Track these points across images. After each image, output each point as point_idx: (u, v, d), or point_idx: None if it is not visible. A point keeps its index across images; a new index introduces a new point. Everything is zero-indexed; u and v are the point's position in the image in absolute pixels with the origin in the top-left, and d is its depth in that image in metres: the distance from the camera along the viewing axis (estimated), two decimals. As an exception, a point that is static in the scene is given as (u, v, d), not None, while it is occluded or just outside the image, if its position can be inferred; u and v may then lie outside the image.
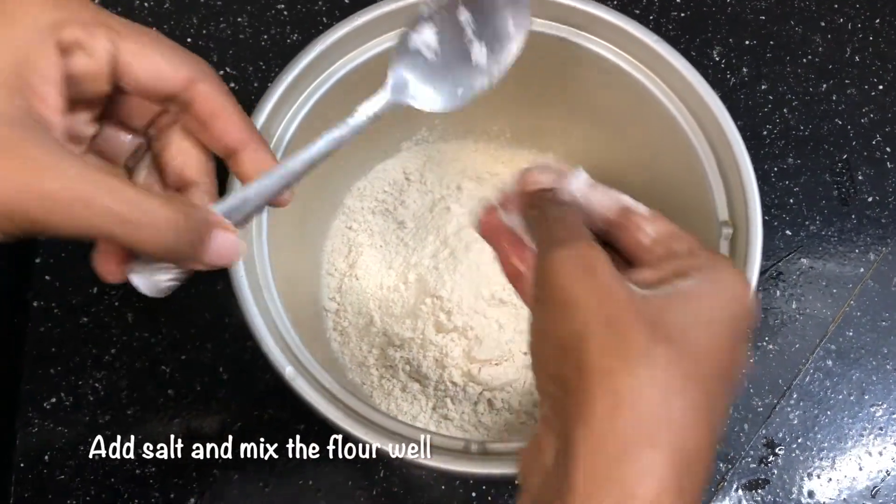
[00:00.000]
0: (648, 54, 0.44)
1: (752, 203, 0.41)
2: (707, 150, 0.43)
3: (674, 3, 0.62)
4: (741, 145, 0.42)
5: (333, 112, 0.45)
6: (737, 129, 0.42)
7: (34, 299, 0.52)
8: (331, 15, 0.61)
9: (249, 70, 0.59)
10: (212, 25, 0.60)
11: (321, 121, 0.45)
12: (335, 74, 0.45)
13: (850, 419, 0.52)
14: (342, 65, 0.45)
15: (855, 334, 0.54)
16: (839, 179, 0.59)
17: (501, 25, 0.36)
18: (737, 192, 0.42)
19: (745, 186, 0.41)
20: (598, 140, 0.52)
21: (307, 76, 0.44)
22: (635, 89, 0.45)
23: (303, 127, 0.44)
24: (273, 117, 0.43)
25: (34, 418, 0.50)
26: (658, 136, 0.46)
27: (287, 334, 0.39)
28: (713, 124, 0.43)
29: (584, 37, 0.45)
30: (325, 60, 0.44)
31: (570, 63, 0.46)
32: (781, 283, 0.55)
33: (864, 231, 0.57)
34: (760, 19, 0.63)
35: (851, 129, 0.60)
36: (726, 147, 0.42)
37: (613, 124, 0.50)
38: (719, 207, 0.43)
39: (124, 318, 0.52)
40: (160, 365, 0.51)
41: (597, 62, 0.45)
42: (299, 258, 0.50)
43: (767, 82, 0.61)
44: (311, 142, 0.33)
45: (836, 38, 0.62)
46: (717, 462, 0.51)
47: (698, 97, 0.43)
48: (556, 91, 0.50)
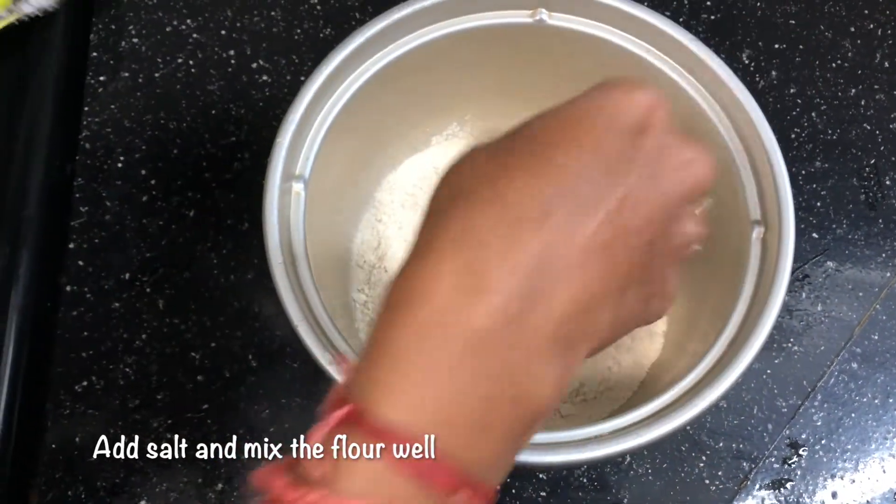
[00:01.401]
0: (682, 52, 0.44)
1: (784, 202, 0.41)
2: (739, 147, 0.44)
3: (704, 5, 0.63)
4: (774, 143, 0.42)
5: (369, 106, 0.46)
6: (769, 127, 0.42)
7: (67, 284, 0.53)
8: (363, 10, 0.61)
9: (282, 63, 0.60)
10: (245, 18, 0.61)
11: (355, 118, 0.45)
12: (370, 69, 0.45)
13: (874, 422, 0.52)
14: (377, 59, 0.45)
15: (880, 338, 0.55)
16: (867, 184, 0.59)
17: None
18: (769, 192, 0.42)
19: (778, 185, 0.41)
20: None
21: (343, 71, 0.44)
22: (668, 87, 0.45)
23: (338, 121, 0.45)
24: (310, 111, 0.43)
25: (66, 401, 0.51)
26: (688, 132, 0.46)
27: (325, 325, 0.39)
28: (746, 122, 0.43)
29: (618, 34, 0.45)
30: (360, 56, 0.45)
31: (603, 61, 0.47)
32: (807, 285, 0.56)
33: (891, 235, 0.57)
34: (790, 23, 0.63)
35: (880, 135, 0.60)
36: (759, 145, 0.42)
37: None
38: (751, 207, 0.43)
39: (155, 305, 0.53)
40: (190, 351, 0.52)
41: (630, 60, 0.46)
42: (330, 250, 0.51)
43: (796, 86, 0.61)
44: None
45: (865, 44, 0.63)
46: (740, 461, 0.51)
47: (731, 95, 0.43)
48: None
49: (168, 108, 0.58)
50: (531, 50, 0.48)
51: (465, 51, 0.47)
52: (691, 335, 0.46)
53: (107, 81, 0.59)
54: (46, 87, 0.56)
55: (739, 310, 0.40)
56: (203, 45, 0.60)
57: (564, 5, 0.45)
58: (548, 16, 0.45)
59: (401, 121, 0.52)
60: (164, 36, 0.60)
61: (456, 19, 0.46)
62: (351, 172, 0.51)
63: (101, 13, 0.61)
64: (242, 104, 0.58)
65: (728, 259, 0.43)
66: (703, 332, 0.43)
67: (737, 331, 0.39)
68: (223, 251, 0.54)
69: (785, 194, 0.41)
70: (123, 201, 0.55)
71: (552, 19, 0.46)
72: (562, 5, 0.45)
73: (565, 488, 0.50)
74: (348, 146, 0.48)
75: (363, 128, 0.48)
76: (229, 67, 0.59)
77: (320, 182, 0.44)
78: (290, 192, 0.42)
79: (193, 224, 0.55)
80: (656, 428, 0.36)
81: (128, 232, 0.54)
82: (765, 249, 0.41)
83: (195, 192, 0.56)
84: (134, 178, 0.56)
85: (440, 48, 0.46)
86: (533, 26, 0.46)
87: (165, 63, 0.59)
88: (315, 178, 0.43)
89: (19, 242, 0.52)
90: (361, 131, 0.48)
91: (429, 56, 0.46)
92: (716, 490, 0.50)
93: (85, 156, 0.56)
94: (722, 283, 0.43)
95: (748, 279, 0.41)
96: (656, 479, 0.50)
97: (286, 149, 0.41)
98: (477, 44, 0.47)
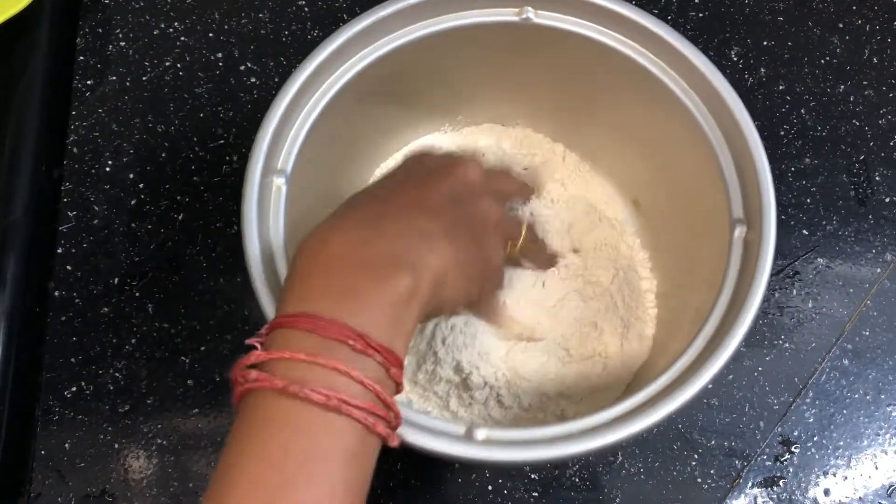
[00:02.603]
0: (667, 50, 0.44)
1: (766, 199, 0.40)
2: (723, 144, 0.43)
3: (692, 3, 0.63)
4: (757, 139, 0.42)
5: (353, 105, 0.46)
6: (753, 124, 0.42)
7: (55, 289, 0.53)
8: (351, 11, 0.61)
9: (270, 65, 0.59)
10: (233, 21, 0.61)
11: (340, 115, 0.45)
12: (356, 66, 0.45)
13: (865, 418, 0.52)
14: (363, 56, 0.45)
15: (871, 334, 0.54)
16: (856, 180, 0.59)
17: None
18: (752, 189, 0.42)
19: (760, 181, 0.41)
20: (613, 138, 0.52)
21: (329, 67, 0.44)
22: (654, 86, 0.45)
23: (323, 117, 0.44)
24: (294, 106, 0.43)
25: (55, 406, 0.50)
26: (673, 131, 0.46)
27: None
28: (730, 120, 0.43)
29: (604, 32, 0.45)
30: (345, 52, 0.45)
31: (590, 58, 0.47)
32: (798, 282, 0.56)
33: (880, 231, 0.57)
34: (778, 20, 0.63)
35: (869, 131, 0.60)
36: (742, 143, 0.42)
37: (630, 120, 0.50)
38: (734, 205, 0.43)
39: (145, 309, 0.53)
40: (180, 356, 0.52)
41: (616, 58, 0.46)
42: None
43: (785, 83, 0.61)
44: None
45: (854, 40, 0.63)
46: (732, 459, 0.51)
47: (716, 93, 0.43)
48: (578, 86, 0.50)
49: (156, 112, 0.58)
50: (519, 48, 0.48)
51: (452, 49, 0.47)
52: (675, 336, 0.46)
53: (94, 85, 0.58)
54: (33, 91, 0.56)
55: (719, 309, 0.40)
56: (191, 47, 0.60)
57: (550, 3, 0.45)
58: (534, 14, 0.45)
59: (386, 118, 0.52)
60: (151, 39, 0.60)
61: (443, 17, 0.46)
62: (336, 168, 0.51)
63: (87, 17, 0.61)
64: (231, 106, 0.58)
65: (711, 259, 0.43)
66: (686, 332, 0.42)
67: (715, 330, 0.39)
68: (212, 254, 0.54)
69: (767, 191, 0.41)
70: (111, 205, 0.55)
71: (538, 17, 0.45)
72: (547, 3, 0.45)
73: (557, 488, 0.50)
74: (334, 141, 0.48)
75: (348, 125, 0.48)
76: (217, 70, 0.59)
77: (303, 177, 0.43)
78: (270, 186, 0.42)
79: (182, 227, 0.55)
80: (614, 432, 0.36)
81: (116, 236, 0.54)
82: (747, 248, 0.41)
83: (184, 195, 0.55)
84: (122, 182, 0.56)
85: (427, 46, 0.46)
86: (519, 24, 0.46)
87: (153, 66, 0.59)
88: (297, 173, 0.43)
89: (7, 247, 0.51)
90: (346, 129, 0.48)
91: (416, 53, 0.46)
92: (708, 488, 0.50)
93: (72, 160, 0.56)
94: (705, 283, 0.43)
95: (729, 278, 0.40)
96: (648, 478, 0.50)
97: (268, 142, 0.41)
98: (464, 42, 0.47)
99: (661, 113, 0.46)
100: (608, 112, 0.51)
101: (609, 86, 0.48)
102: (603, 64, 0.46)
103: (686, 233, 0.49)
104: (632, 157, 0.52)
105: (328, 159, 0.48)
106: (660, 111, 0.46)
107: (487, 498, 0.49)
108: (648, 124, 0.49)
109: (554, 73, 0.50)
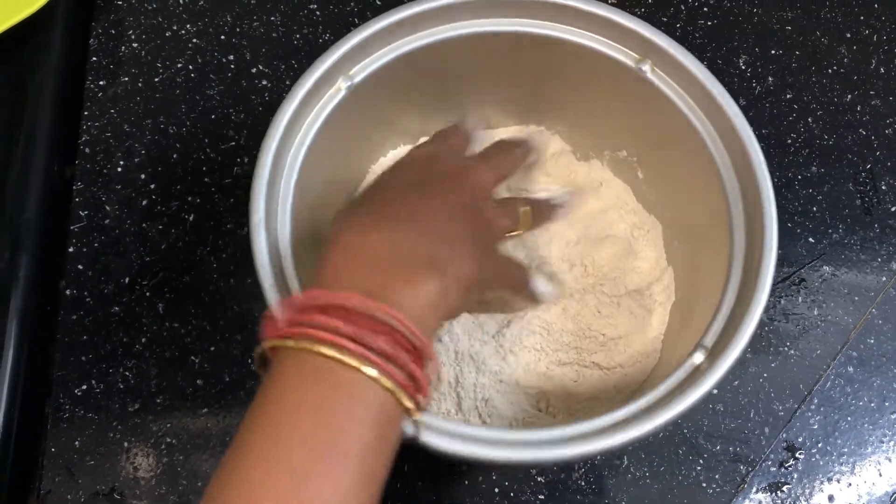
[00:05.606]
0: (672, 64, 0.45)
1: (767, 208, 0.41)
2: (724, 154, 0.44)
3: (701, 11, 0.63)
4: (756, 147, 0.42)
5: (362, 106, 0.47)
6: (750, 127, 0.42)
7: (67, 288, 0.53)
8: (362, 16, 0.62)
9: (282, 68, 0.60)
10: (245, 23, 0.61)
11: (349, 119, 0.46)
12: (367, 68, 0.46)
13: (870, 426, 0.53)
14: (374, 59, 0.46)
15: (876, 342, 0.55)
16: (862, 189, 0.59)
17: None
18: (753, 198, 0.42)
19: (761, 191, 0.41)
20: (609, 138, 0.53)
21: (340, 67, 0.45)
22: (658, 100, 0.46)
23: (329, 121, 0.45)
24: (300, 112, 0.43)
25: (65, 405, 0.51)
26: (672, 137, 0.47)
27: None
28: (731, 131, 0.43)
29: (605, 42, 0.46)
30: (356, 55, 0.45)
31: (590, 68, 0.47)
32: (804, 289, 0.56)
33: (886, 240, 0.58)
34: (787, 29, 0.63)
35: (876, 140, 0.60)
36: (743, 154, 0.42)
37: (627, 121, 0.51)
38: (734, 211, 0.43)
39: (155, 309, 0.53)
40: (190, 355, 0.52)
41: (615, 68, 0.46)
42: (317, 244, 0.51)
43: (793, 92, 0.61)
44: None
45: (861, 50, 0.63)
46: (737, 464, 0.51)
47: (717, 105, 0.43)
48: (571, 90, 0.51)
49: (168, 113, 0.58)
50: (519, 56, 0.48)
51: (458, 56, 0.48)
52: (683, 340, 0.46)
53: (106, 86, 0.59)
54: (46, 91, 0.57)
55: (719, 321, 0.40)
56: (203, 49, 0.60)
57: (548, 14, 0.46)
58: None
59: (391, 122, 0.53)
60: (163, 41, 0.60)
61: (455, 24, 0.46)
62: (341, 170, 0.52)
63: (100, 18, 0.61)
64: (242, 109, 0.59)
65: (714, 272, 0.44)
66: (692, 337, 0.43)
67: (719, 336, 0.39)
68: (223, 255, 0.54)
69: (769, 200, 0.41)
70: (123, 205, 0.55)
71: (537, 28, 0.46)
72: (546, 14, 0.46)
73: (563, 491, 0.50)
74: (341, 145, 0.48)
75: (355, 127, 0.48)
76: (229, 72, 0.60)
77: (309, 179, 0.44)
78: (279, 187, 0.43)
79: (193, 228, 0.55)
80: (621, 434, 0.36)
81: (127, 236, 0.55)
82: (749, 252, 0.41)
83: (195, 196, 0.56)
84: (134, 183, 0.56)
85: (436, 51, 0.47)
86: (520, 34, 0.46)
87: (165, 68, 0.60)
88: (304, 176, 0.44)
89: (19, 246, 0.52)
90: (352, 131, 0.49)
91: (425, 58, 0.47)
92: (713, 493, 0.51)
93: (85, 160, 0.57)
94: (709, 296, 0.43)
95: (730, 291, 0.41)
96: (654, 483, 0.51)
97: (276, 145, 0.42)
98: (467, 51, 0.47)
99: (659, 117, 0.47)
100: (604, 116, 0.51)
101: (604, 92, 0.49)
102: (602, 73, 0.47)
103: (690, 239, 0.50)
104: (628, 150, 0.52)
105: (334, 162, 0.48)
106: (658, 117, 0.47)
107: (494, 500, 0.50)
108: (643, 124, 0.49)
109: (554, 82, 0.50)
